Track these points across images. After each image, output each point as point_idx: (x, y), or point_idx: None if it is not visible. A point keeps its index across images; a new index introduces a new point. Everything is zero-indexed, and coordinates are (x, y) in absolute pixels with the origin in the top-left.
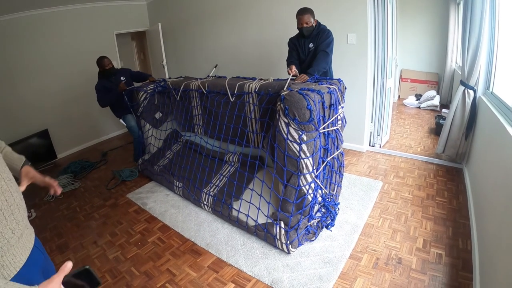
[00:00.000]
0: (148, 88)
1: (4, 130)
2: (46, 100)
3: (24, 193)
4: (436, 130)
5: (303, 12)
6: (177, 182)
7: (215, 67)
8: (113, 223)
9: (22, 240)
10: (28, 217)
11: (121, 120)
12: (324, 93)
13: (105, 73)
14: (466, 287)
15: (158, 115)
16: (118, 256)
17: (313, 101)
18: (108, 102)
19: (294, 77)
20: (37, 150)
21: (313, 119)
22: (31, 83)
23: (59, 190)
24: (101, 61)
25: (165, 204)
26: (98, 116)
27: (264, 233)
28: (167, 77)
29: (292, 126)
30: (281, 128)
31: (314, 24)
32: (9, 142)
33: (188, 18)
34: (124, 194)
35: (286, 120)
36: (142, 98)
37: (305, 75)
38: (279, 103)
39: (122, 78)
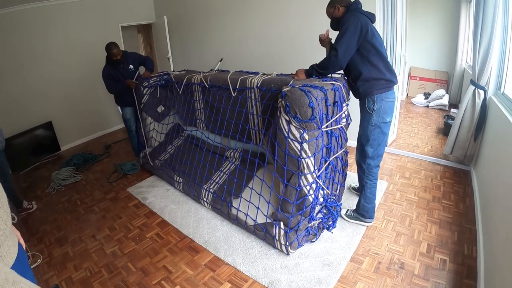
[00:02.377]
0: (151, 81)
1: (9, 121)
2: (50, 92)
3: (26, 185)
4: (445, 130)
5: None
6: (178, 177)
7: (221, 60)
8: (112, 217)
9: (11, 233)
10: (29, 209)
11: (118, 108)
12: (327, 90)
13: (112, 62)
14: None
15: (160, 108)
16: (116, 251)
17: (316, 99)
18: (116, 91)
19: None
20: (41, 142)
21: (315, 117)
22: (36, 75)
23: None
24: (109, 51)
25: (165, 199)
26: (103, 109)
27: (263, 233)
28: (172, 70)
29: (293, 124)
30: (282, 126)
31: (335, 15)
32: (13, 134)
33: (194, 11)
34: (125, 187)
35: (287, 118)
36: (145, 91)
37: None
38: (280, 99)
39: (130, 67)
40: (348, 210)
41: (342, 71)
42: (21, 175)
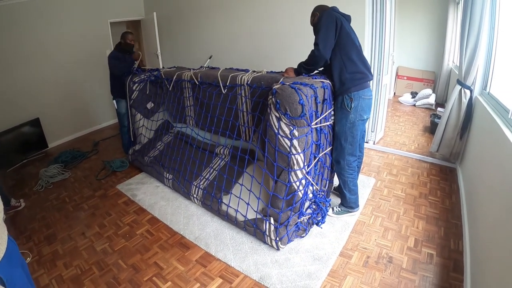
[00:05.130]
0: (142, 76)
1: None
2: (38, 89)
3: (13, 182)
4: (431, 129)
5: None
6: (167, 174)
7: (210, 58)
8: (101, 214)
9: (0, 230)
10: (17, 207)
11: (114, 101)
12: (317, 87)
13: (124, 47)
14: None
15: (149, 105)
16: (106, 248)
17: (306, 96)
18: (124, 70)
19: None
20: (28, 139)
21: (305, 114)
22: (23, 72)
23: None
24: (126, 35)
25: (154, 196)
26: (91, 106)
27: (253, 229)
28: (161, 67)
29: (284, 121)
30: (272, 123)
31: (315, 22)
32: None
33: (183, 8)
34: (114, 185)
35: (277, 115)
36: (134, 87)
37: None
38: (270, 96)
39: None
40: (334, 208)
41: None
42: (8, 172)
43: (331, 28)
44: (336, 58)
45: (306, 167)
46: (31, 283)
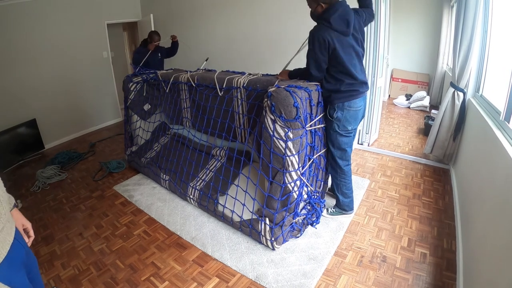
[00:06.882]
0: (139, 78)
1: None
2: (34, 90)
3: (10, 183)
4: (425, 131)
5: None
6: (164, 175)
7: (206, 60)
8: (99, 215)
9: (3, 234)
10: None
11: None
12: (312, 90)
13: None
14: (449, 287)
15: (146, 106)
16: (103, 248)
17: (300, 99)
18: (139, 58)
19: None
20: (25, 140)
21: (300, 116)
22: (20, 72)
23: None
24: (153, 35)
25: (151, 197)
26: (87, 107)
27: (249, 229)
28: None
29: (278, 123)
30: (267, 125)
31: (316, 11)
32: None
33: (180, 10)
34: (111, 186)
35: (272, 117)
36: (132, 88)
37: (285, 71)
38: (266, 99)
39: (158, 55)
40: (328, 209)
41: None
42: (4, 173)
43: (321, 51)
44: (329, 75)
45: (300, 168)
46: (37, 285)
